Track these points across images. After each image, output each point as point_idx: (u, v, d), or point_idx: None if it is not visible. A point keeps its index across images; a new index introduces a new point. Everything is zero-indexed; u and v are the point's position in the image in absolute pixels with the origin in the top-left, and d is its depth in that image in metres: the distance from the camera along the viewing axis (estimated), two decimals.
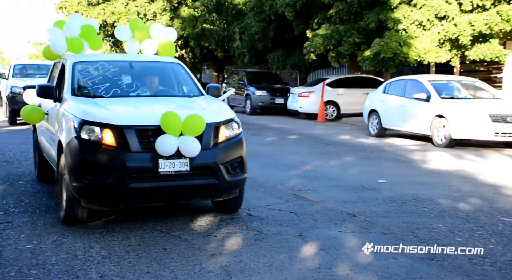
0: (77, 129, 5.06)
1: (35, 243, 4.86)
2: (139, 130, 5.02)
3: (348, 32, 17.03)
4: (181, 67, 6.84)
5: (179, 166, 5.07)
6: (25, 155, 10.01)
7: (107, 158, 4.94)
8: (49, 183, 7.38)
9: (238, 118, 5.66)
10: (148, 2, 30.68)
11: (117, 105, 5.59)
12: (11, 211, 5.99)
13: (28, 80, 15.55)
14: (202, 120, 5.14)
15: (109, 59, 6.87)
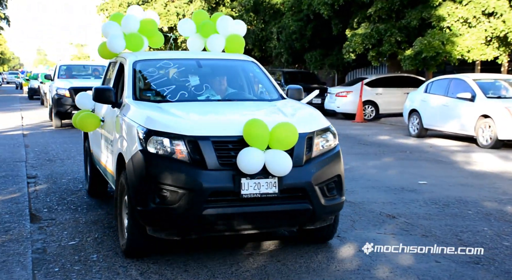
0: (142, 141, 4.20)
1: (77, 240, 4.96)
2: (218, 142, 4.10)
3: (388, 31, 16.78)
4: (255, 66, 5.90)
5: (265, 188, 4.11)
6: (67, 154, 10.26)
7: (179, 176, 4.04)
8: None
9: None
10: (187, 3, 31.05)
11: (188, 111, 4.67)
12: (54, 208, 6.14)
13: (73, 81, 15.41)
14: (294, 130, 4.16)
15: (173, 57, 5.95)
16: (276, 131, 4.14)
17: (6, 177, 7.84)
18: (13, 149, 10.66)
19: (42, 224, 5.47)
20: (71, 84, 14.66)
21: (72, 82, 15.05)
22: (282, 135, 4.12)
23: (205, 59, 5.89)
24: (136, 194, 4.18)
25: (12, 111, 21.60)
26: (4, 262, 4.36)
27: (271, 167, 4.07)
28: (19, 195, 6.73)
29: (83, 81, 15.53)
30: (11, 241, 4.88)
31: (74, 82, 14.89)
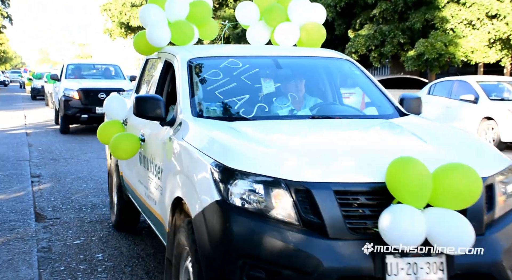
0: (221, 187, 2.64)
1: (82, 239, 4.97)
2: (344, 192, 2.51)
3: (392, 32, 16.80)
4: (353, 66, 4.40)
5: (426, 272, 2.49)
6: (70, 153, 10.27)
7: (283, 248, 2.46)
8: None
9: None
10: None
11: (282, 138, 3.13)
12: (59, 207, 6.15)
13: (83, 81, 14.09)
14: (475, 175, 2.44)
15: (241, 53, 4.25)
16: (445, 176, 2.44)
17: (10, 176, 7.86)
18: (17, 148, 10.68)
19: (47, 223, 5.48)
20: (80, 85, 13.52)
21: (81, 82, 13.82)
22: (458, 184, 2.42)
23: (284, 57, 4.30)
24: (212, 268, 2.62)
25: (15, 110, 21.64)
26: (10, 260, 4.37)
27: (438, 238, 2.40)
28: (24, 194, 6.74)
29: (94, 81, 14.46)
30: (16, 240, 4.89)
31: (84, 83, 13.80)
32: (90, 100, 12.89)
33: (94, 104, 12.72)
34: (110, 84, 13.75)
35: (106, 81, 14.42)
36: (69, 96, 13.21)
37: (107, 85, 13.48)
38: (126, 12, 32.44)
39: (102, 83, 13.95)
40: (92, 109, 12.80)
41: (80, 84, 13.57)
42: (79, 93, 13.12)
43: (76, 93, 13.12)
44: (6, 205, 6.15)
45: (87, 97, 13.03)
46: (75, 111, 13.19)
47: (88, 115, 12.90)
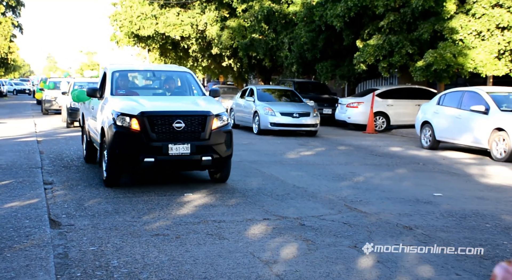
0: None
1: (97, 246, 5.00)
2: None
3: (400, 42, 16.82)
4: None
5: None
6: (81, 161, 10.34)
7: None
8: (108, 190, 7.76)
9: None
10: (199, 13, 31.26)
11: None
12: (73, 214, 6.19)
13: (142, 100, 13.61)
14: None
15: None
16: None
17: (23, 183, 7.92)
18: (28, 156, 10.76)
19: (62, 230, 5.52)
20: (143, 106, 7.74)
21: (142, 102, 7.95)
22: None
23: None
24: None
25: (25, 118, 21.77)
26: (27, 266, 4.40)
27: None
28: (37, 201, 6.79)
29: (162, 101, 8.56)
30: (33, 246, 4.93)
31: (147, 103, 7.95)
32: (160, 133, 7.56)
33: (166, 139, 7.53)
34: (189, 105, 8.29)
35: (180, 100, 8.82)
36: (123, 126, 7.60)
37: (185, 106, 8.13)
38: (136, 23, 32.64)
39: (175, 103, 8.39)
40: (163, 149, 7.47)
41: (142, 105, 7.81)
42: (140, 121, 7.58)
43: (136, 120, 7.58)
44: (20, 211, 6.20)
45: (155, 127, 7.58)
46: (134, 151, 7.57)
47: (156, 159, 7.45)
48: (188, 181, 8.45)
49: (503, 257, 4.90)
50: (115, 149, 7.39)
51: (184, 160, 7.46)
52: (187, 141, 7.40)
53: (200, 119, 7.51)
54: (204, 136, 7.51)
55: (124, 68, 9.20)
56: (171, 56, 36.70)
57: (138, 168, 7.62)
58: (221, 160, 7.71)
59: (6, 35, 46.21)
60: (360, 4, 17.48)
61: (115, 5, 35.97)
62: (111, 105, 7.80)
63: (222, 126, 7.69)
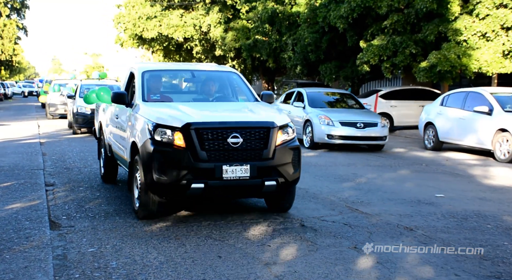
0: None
1: (96, 247, 5.00)
2: None
3: (404, 43, 16.77)
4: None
5: None
6: (84, 162, 10.36)
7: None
8: (107, 190, 7.59)
9: None
10: (203, 15, 31.30)
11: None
12: (73, 216, 6.20)
13: (186, 108, 13.54)
14: None
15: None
16: None
17: (25, 184, 7.95)
18: (31, 157, 10.79)
19: (61, 231, 5.53)
20: (189, 116, 5.91)
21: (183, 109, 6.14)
22: None
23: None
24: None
25: (29, 120, 21.86)
26: (26, 267, 4.41)
27: None
28: (38, 202, 6.81)
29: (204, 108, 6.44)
30: (32, 248, 4.94)
31: (187, 110, 6.15)
32: (211, 151, 5.72)
33: (219, 158, 5.73)
34: (246, 114, 6.43)
35: (231, 107, 6.87)
36: (162, 141, 5.77)
37: (242, 116, 6.30)
38: (139, 25, 32.74)
39: (228, 112, 6.51)
40: (216, 171, 5.68)
41: (186, 114, 5.96)
42: (186, 135, 5.74)
43: (180, 135, 5.73)
44: (21, 213, 6.22)
45: (205, 143, 5.74)
46: (178, 175, 5.68)
47: (206, 184, 5.68)
48: None
49: (503, 258, 4.87)
50: (153, 172, 5.62)
51: (241, 186, 5.76)
52: (246, 161, 5.71)
53: (262, 133, 5.81)
54: (267, 155, 5.79)
55: (155, 68, 7.51)
56: (175, 58, 36.79)
57: (182, 197, 5.88)
58: (287, 184, 5.96)
59: (11, 38, 46.41)
60: (363, 5, 17.46)
61: (119, 6, 36.09)
62: (145, 114, 6.10)
63: (289, 141, 6.01)
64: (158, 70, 7.45)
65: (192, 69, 7.81)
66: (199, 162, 5.61)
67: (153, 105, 6.45)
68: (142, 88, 6.78)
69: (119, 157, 7.35)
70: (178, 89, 8.00)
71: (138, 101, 6.61)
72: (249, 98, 7.13)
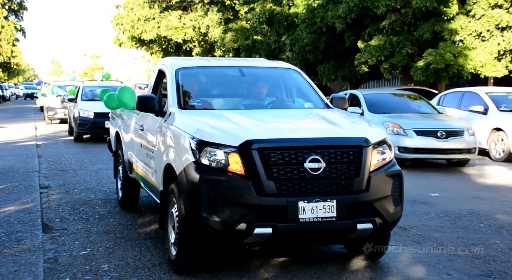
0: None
1: (88, 250, 4.98)
2: None
3: (401, 43, 16.77)
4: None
5: None
6: (80, 164, 10.34)
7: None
8: (102, 192, 7.54)
9: None
10: (202, 16, 31.32)
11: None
12: (67, 218, 6.18)
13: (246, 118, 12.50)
14: None
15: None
16: None
17: (19, 187, 7.93)
18: (26, 160, 10.78)
19: (54, 234, 5.51)
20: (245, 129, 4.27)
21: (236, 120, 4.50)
22: None
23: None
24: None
25: (26, 122, 21.84)
26: (15, 271, 4.39)
27: None
28: (32, 205, 6.78)
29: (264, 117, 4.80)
30: (23, 251, 4.92)
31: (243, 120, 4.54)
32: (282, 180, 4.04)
33: (292, 191, 4.05)
34: (325, 126, 4.68)
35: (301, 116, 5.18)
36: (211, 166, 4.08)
37: (321, 130, 4.56)
38: (138, 26, 32.74)
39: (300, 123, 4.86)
40: (289, 210, 3.97)
41: (243, 127, 4.34)
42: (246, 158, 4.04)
43: (237, 157, 4.05)
44: (14, 216, 6.20)
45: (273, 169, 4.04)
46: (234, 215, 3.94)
47: (276, 228, 3.97)
48: None
49: (495, 256, 4.86)
50: (199, 210, 3.95)
51: (324, 230, 4.08)
52: (331, 194, 4.00)
53: (351, 154, 4.09)
54: (360, 185, 4.07)
55: (192, 64, 5.77)
56: None
57: (240, 245, 4.61)
58: (386, 227, 4.26)
59: (9, 39, 46.42)
60: (361, 5, 17.45)
61: (118, 7, 36.10)
62: (184, 126, 4.43)
63: (387, 164, 4.29)
64: (196, 68, 5.72)
65: (240, 66, 5.82)
66: (264, 197, 3.88)
67: (194, 113, 4.82)
68: (177, 90, 5.08)
69: (145, 182, 5.61)
70: (222, 92, 5.78)
71: (172, 108, 4.90)
72: (316, 104, 5.37)
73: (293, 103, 5.55)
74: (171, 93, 5.10)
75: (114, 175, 7.29)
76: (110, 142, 7.64)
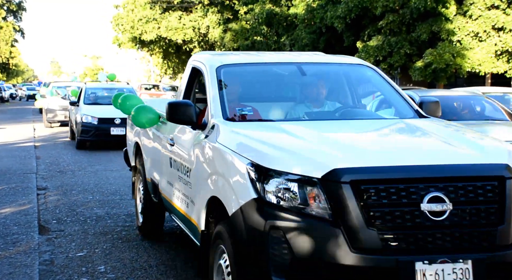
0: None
1: (85, 251, 4.94)
2: None
3: (399, 43, 16.78)
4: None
5: None
6: (78, 165, 10.29)
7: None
8: (100, 193, 7.48)
9: None
10: (201, 16, 31.31)
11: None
12: (64, 220, 6.13)
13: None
14: None
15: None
16: None
17: (16, 188, 7.87)
18: (24, 161, 10.72)
19: (50, 236, 5.46)
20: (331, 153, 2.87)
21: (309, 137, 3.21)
22: None
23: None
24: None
25: (24, 123, 21.78)
26: (11, 274, 4.34)
27: None
28: (29, 207, 6.73)
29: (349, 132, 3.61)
30: (18, 253, 4.87)
31: (323, 137, 3.25)
32: (391, 229, 2.70)
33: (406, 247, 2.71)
34: (443, 148, 3.12)
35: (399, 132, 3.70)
36: (282, 206, 2.75)
37: (441, 153, 3.00)
38: (138, 27, 32.71)
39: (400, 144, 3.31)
40: (401, 274, 2.64)
41: (326, 152, 2.89)
42: (336, 194, 2.70)
43: (321, 194, 2.72)
44: (10, 218, 6.15)
45: (377, 211, 2.70)
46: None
47: None
48: None
49: None
50: (268, 273, 2.70)
51: None
52: (463, 251, 2.69)
53: (489, 189, 2.76)
54: (506, 237, 2.74)
55: (236, 61, 4.37)
56: (174, 60, 36.80)
57: None
58: None
59: (7, 40, 46.38)
60: (360, 5, 17.45)
61: (117, 7, 36.07)
62: (236, 145, 3.18)
63: None
64: (242, 65, 4.32)
65: (299, 62, 4.42)
66: (363, 254, 2.60)
67: (245, 126, 3.52)
68: (220, 95, 3.77)
69: (177, 212, 4.28)
70: (278, 96, 4.44)
71: (215, 119, 3.60)
72: (403, 111, 3.98)
73: (366, 110, 4.42)
74: (213, 99, 3.75)
75: (133, 195, 6.06)
76: (127, 154, 6.25)
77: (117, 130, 12.53)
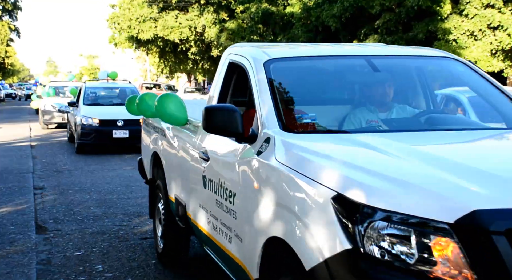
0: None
1: (82, 251, 4.93)
2: None
3: (396, 42, 16.81)
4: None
5: None
6: (74, 165, 10.27)
7: None
8: (97, 192, 7.48)
9: None
10: (197, 15, 31.28)
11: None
12: (61, 219, 6.12)
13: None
14: None
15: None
16: None
17: (12, 188, 7.85)
18: (21, 160, 10.69)
19: (47, 235, 5.45)
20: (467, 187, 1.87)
21: None
22: None
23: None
24: None
25: (21, 122, 21.71)
26: (8, 273, 4.33)
27: None
28: (26, 206, 6.71)
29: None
30: (16, 253, 4.86)
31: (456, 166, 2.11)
32: None
33: None
34: None
35: None
36: (394, 264, 1.81)
37: None
38: (134, 26, 32.64)
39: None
40: None
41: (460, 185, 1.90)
42: (476, 249, 1.74)
43: (456, 248, 1.75)
44: (7, 217, 6.13)
45: None
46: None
47: None
48: None
49: None
50: None
51: None
52: None
53: None
54: None
55: (289, 54, 3.44)
56: (171, 59, 36.73)
57: None
58: None
59: (3, 39, 46.21)
60: (356, 4, 17.46)
61: (113, 6, 35.98)
62: (308, 168, 2.24)
63: None
64: (296, 58, 3.39)
65: (368, 54, 3.48)
66: None
67: (313, 139, 2.66)
68: (273, 99, 2.88)
69: (213, 245, 3.35)
70: (344, 99, 3.58)
71: (269, 129, 2.72)
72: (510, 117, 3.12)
73: (459, 116, 3.71)
74: (263, 102, 2.87)
75: (150, 215, 5.17)
76: (142, 164, 5.32)
77: (120, 132, 11.67)
